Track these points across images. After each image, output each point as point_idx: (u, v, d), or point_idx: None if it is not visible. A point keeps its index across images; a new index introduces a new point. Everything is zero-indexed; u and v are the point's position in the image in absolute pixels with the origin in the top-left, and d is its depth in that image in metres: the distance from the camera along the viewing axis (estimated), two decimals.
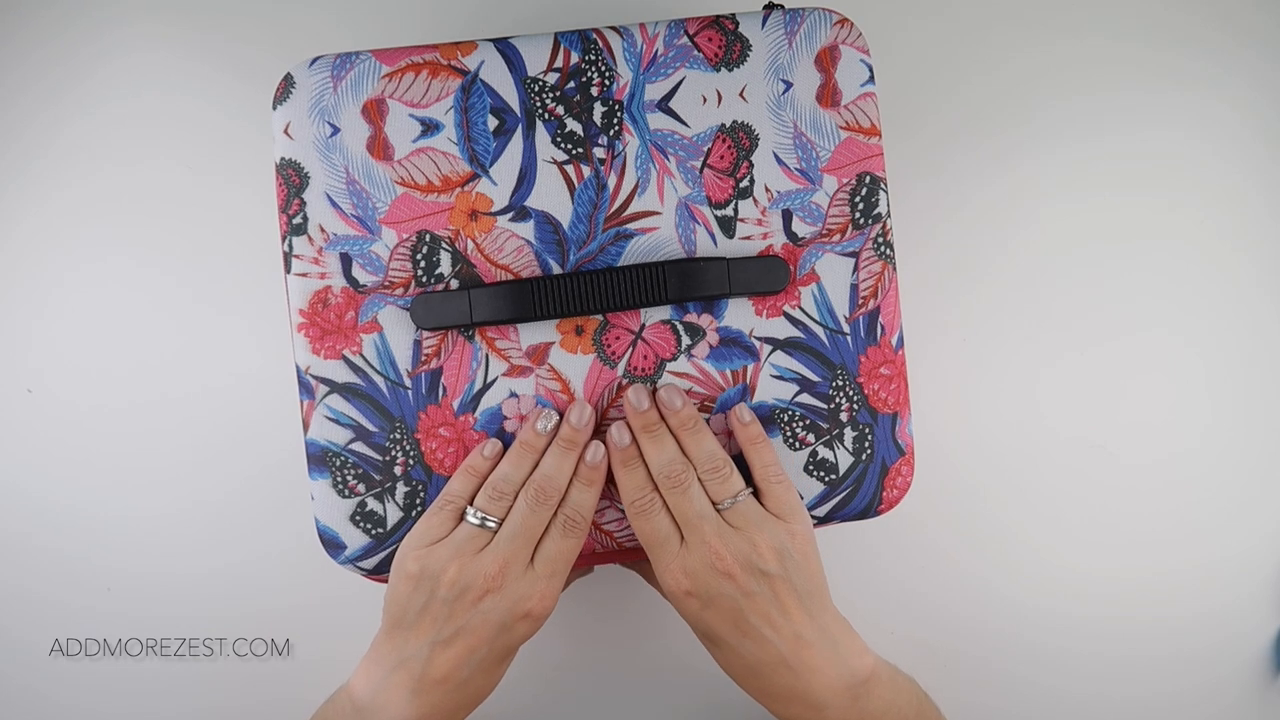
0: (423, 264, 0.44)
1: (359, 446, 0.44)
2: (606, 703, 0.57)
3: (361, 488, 0.44)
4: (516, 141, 0.44)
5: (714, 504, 0.43)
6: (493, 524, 0.42)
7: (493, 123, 0.44)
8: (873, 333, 0.45)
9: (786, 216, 0.45)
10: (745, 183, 0.45)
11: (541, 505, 0.42)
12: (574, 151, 0.44)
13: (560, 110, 0.44)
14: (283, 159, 0.44)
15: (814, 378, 0.45)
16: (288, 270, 0.44)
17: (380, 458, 0.44)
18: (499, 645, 0.42)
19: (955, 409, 0.57)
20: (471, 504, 0.43)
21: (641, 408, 0.43)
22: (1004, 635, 0.57)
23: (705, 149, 0.45)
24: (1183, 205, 0.58)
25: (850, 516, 0.46)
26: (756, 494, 0.44)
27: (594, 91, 0.45)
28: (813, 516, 0.45)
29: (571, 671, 0.57)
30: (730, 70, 0.45)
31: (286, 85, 0.44)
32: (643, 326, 0.45)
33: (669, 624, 0.55)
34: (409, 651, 0.42)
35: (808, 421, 0.45)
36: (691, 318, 0.45)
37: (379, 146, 0.44)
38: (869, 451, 0.46)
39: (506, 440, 0.44)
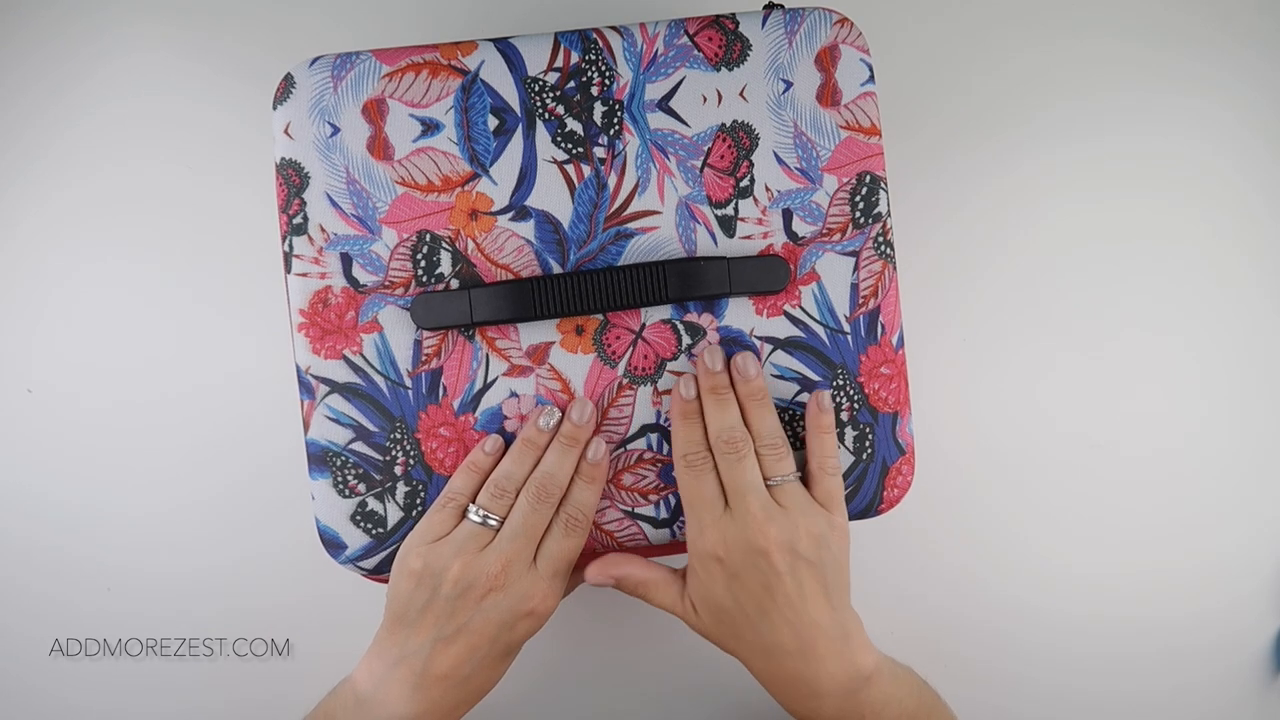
0: (423, 264, 0.44)
1: (359, 446, 0.44)
2: (607, 702, 0.57)
3: (362, 487, 0.44)
4: (517, 141, 0.44)
5: (764, 479, 0.43)
6: (495, 522, 0.42)
7: (493, 122, 0.44)
8: (873, 332, 0.45)
9: (787, 216, 0.45)
10: (745, 182, 0.45)
11: (543, 503, 0.42)
12: (574, 151, 0.45)
13: (560, 110, 0.44)
14: (283, 159, 0.44)
15: (814, 377, 0.45)
16: (288, 270, 0.44)
17: (381, 457, 0.44)
18: (501, 643, 0.43)
19: (955, 409, 0.57)
20: (474, 502, 0.43)
21: (716, 368, 0.43)
22: (1004, 634, 0.57)
23: (705, 148, 0.45)
24: (1183, 205, 0.58)
25: (851, 516, 0.46)
26: (804, 480, 0.44)
27: (594, 91, 0.45)
28: None
29: (571, 668, 0.56)
30: (730, 70, 0.45)
31: (286, 85, 0.44)
32: (643, 326, 0.45)
33: (670, 623, 0.55)
34: (411, 648, 0.42)
35: (808, 421, 0.45)
36: (692, 317, 0.45)
37: (379, 146, 0.44)
38: (870, 451, 0.46)
39: (508, 439, 0.45)
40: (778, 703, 0.45)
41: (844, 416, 0.45)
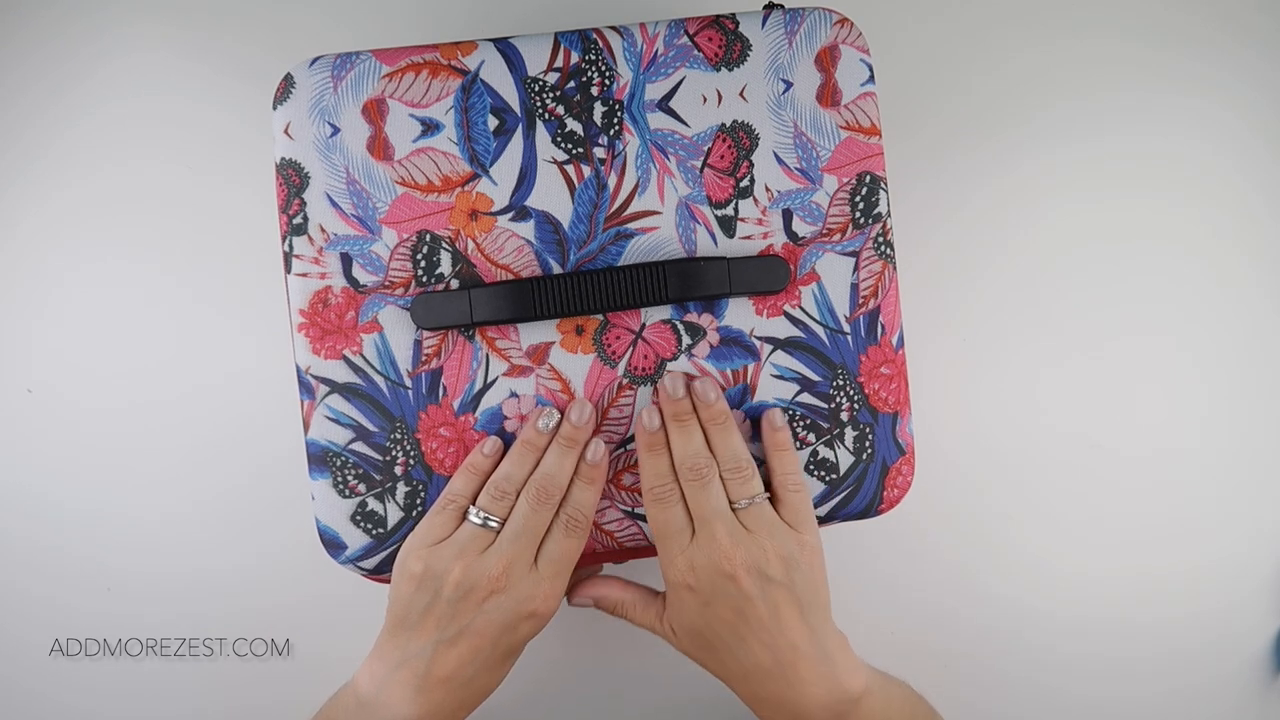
0: (423, 264, 0.44)
1: (359, 446, 0.44)
2: (608, 700, 0.57)
3: (362, 488, 0.44)
4: (517, 141, 0.44)
5: (730, 503, 0.43)
6: (495, 524, 0.42)
7: (493, 122, 0.44)
8: (873, 332, 0.45)
9: (787, 216, 0.45)
10: (745, 182, 0.45)
11: (543, 504, 0.42)
12: (574, 151, 0.44)
13: (560, 110, 0.44)
14: (283, 159, 0.44)
15: (814, 377, 0.45)
16: (288, 270, 0.44)
17: (381, 458, 0.44)
18: (503, 645, 0.43)
19: (955, 409, 0.57)
20: (474, 503, 0.43)
21: (676, 395, 0.43)
22: (1003, 635, 0.57)
23: (705, 149, 0.45)
24: (1183, 205, 0.58)
25: (851, 516, 0.46)
26: (772, 500, 0.44)
27: (594, 91, 0.45)
28: None
29: (572, 668, 0.56)
30: (730, 70, 0.45)
31: (286, 85, 0.44)
32: (643, 326, 0.45)
33: None
34: (413, 650, 0.42)
35: (808, 421, 0.45)
36: (692, 317, 0.45)
37: (379, 146, 0.44)
38: (869, 451, 0.46)
39: (508, 439, 0.44)
40: None
41: (844, 416, 0.45)
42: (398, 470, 0.44)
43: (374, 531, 0.45)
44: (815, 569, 0.43)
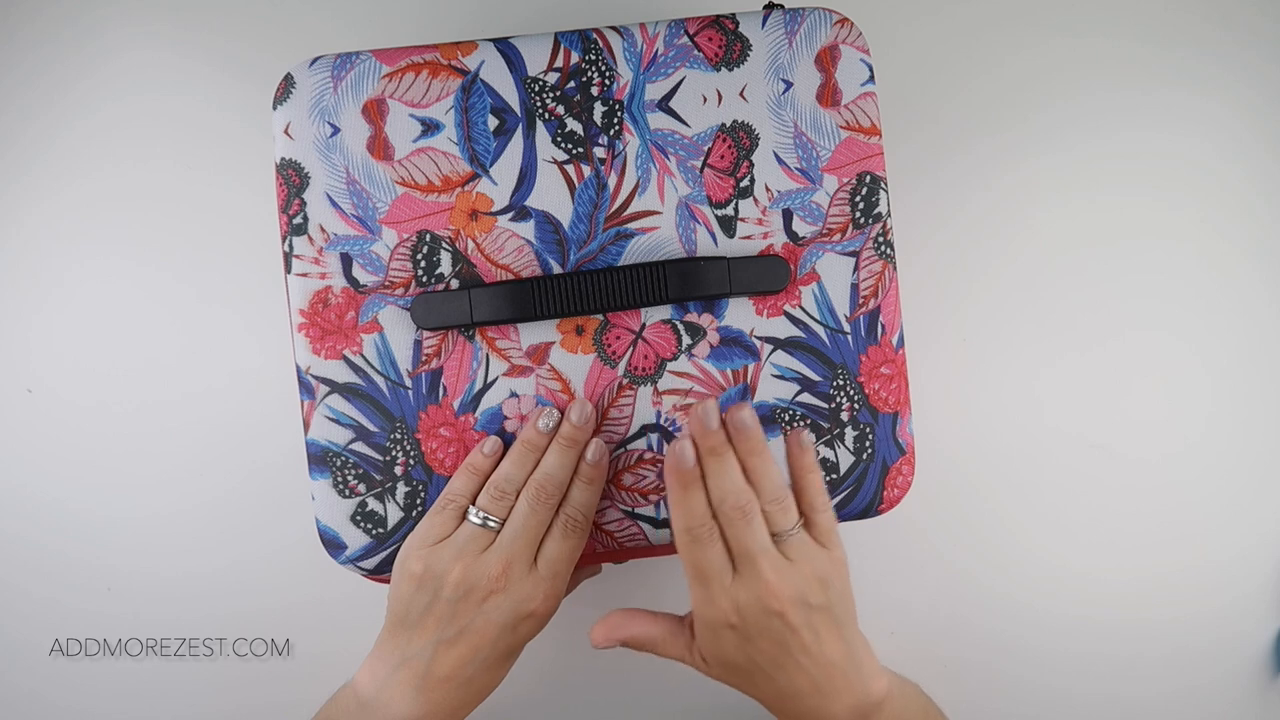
0: (423, 264, 0.44)
1: (359, 446, 0.44)
2: (608, 700, 0.57)
3: (362, 488, 0.44)
4: (517, 141, 0.44)
5: (772, 535, 0.41)
6: (495, 524, 0.42)
7: (493, 122, 0.44)
8: (873, 332, 0.45)
9: (787, 216, 0.45)
10: (746, 182, 0.45)
11: (543, 504, 0.42)
12: (574, 151, 0.44)
13: (560, 110, 0.44)
14: (283, 159, 0.44)
15: (815, 377, 0.45)
16: (288, 270, 0.44)
17: (381, 458, 0.44)
18: (503, 644, 0.43)
19: (955, 409, 0.57)
20: (474, 503, 0.43)
21: (711, 426, 0.40)
22: (1003, 635, 0.57)
23: (705, 149, 0.45)
24: (1183, 205, 0.58)
25: (851, 516, 0.46)
26: (804, 523, 0.43)
27: (594, 91, 0.45)
28: None
29: (573, 668, 0.56)
30: (730, 70, 0.45)
31: (286, 85, 0.44)
32: (643, 326, 0.45)
33: None
34: (413, 650, 0.42)
35: (809, 421, 0.45)
36: (692, 317, 0.45)
37: (379, 146, 0.44)
38: (870, 451, 0.46)
39: (508, 439, 0.44)
40: None
41: (844, 416, 0.45)
42: (398, 470, 0.44)
43: (374, 532, 0.45)
44: (845, 581, 0.43)
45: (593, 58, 0.45)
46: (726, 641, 0.42)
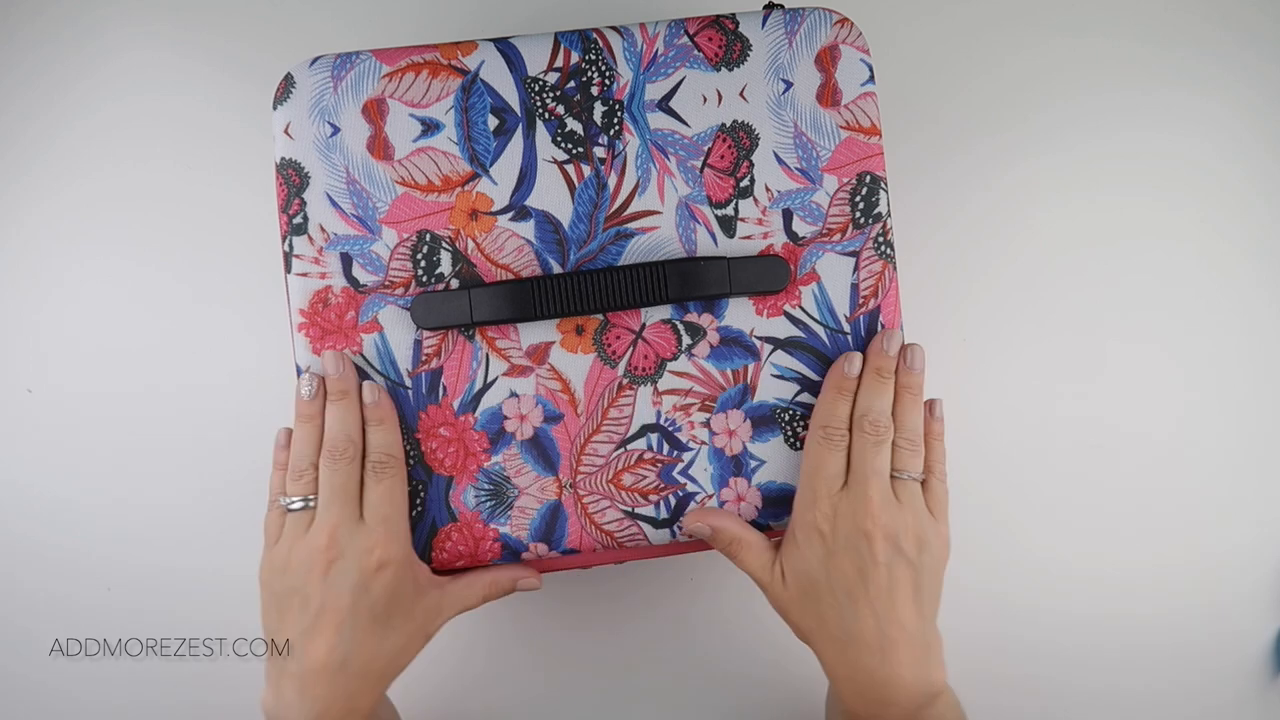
0: (423, 264, 0.44)
1: None
2: (611, 700, 0.57)
3: None
4: (517, 141, 0.44)
5: (892, 471, 0.43)
6: (312, 502, 0.42)
7: (493, 122, 0.44)
8: (873, 332, 0.45)
9: (787, 216, 0.45)
10: (746, 182, 0.45)
11: (339, 461, 0.42)
12: (574, 151, 0.44)
13: (560, 110, 0.44)
14: (283, 159, 0.44)
15: (815, 377, 0.45)
16: (288, 270, 0.44)
17: None
18: (364, 608, 0.41)
19: (955, 409, 0.57)
20: (285, 494, 0.43)
21: (891, 352, 0.44)
22: (1002, 633, 0.57)
23: (705, 148, 0.45)
24: (1183, 205, 0.58)
25: None
26: (923, 486, 0.45)
27: (594, 91, 0.45)
28: None
29: (575, 669, 0.56)
30: (730, 70, 0.45)
31: (286, 85, 0.44)
32: (643, 326, 0.45)
33: (677, 623, 0.55)
34: (287, 655, 0.41)
35: (808, 421, 0.45)
36: (692, 317, 0.45)
37: (379, 146, 0.44)
38: None
39: (507, 439, 0.45)
40: (842, 703, 0.44)
41: None
42: None
43: None
44: (941, 560, 0.44)
45: (593, 58, 0.45)
46: (813, 549, 0.42)
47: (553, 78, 0.44)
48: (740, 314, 0.45)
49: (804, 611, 0.43)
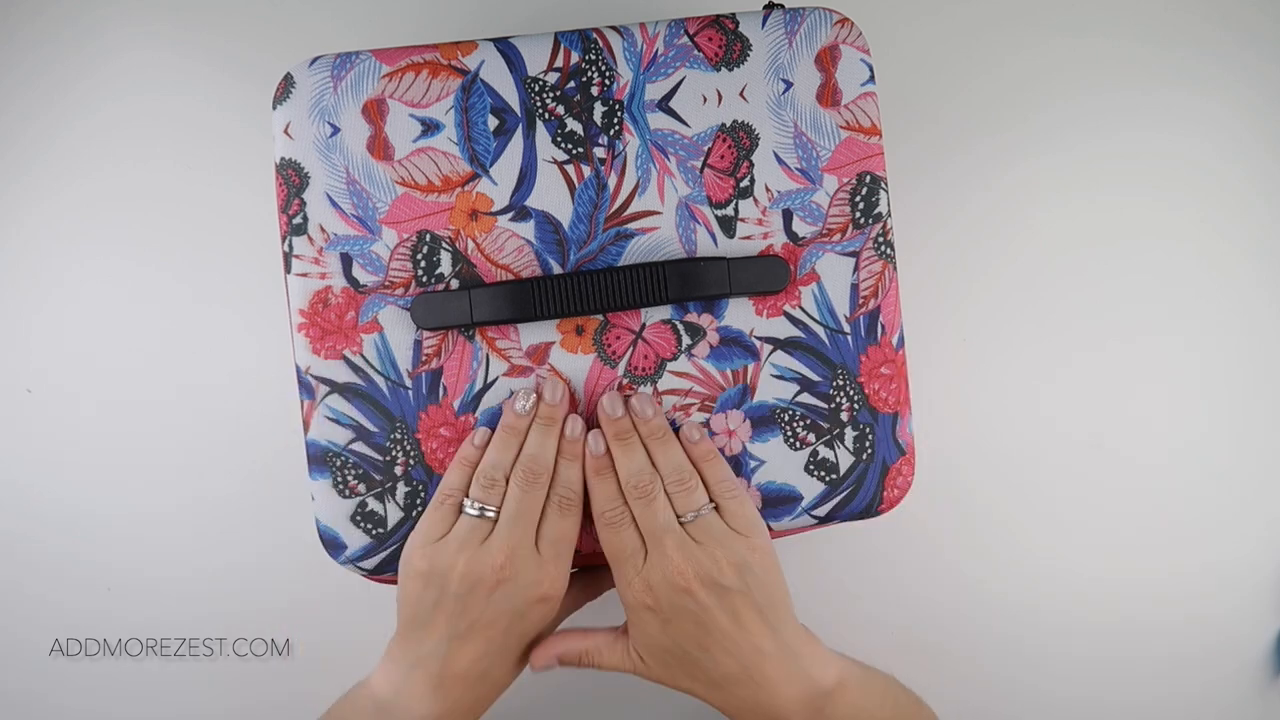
0: (423, 264, 0.44)
1: (359, 447, 0.44)
2: (611, 701, 0.57)
3: (362, 488, 0.44)
4: (517, 141, 0.44)
5: (678, 517, 0.43)
6: (491, 512, 0.42)
7: (493, 122, 0.44)
8: (873, 332, 0.45)
9: (787, 216, 0.45)
10: (745, 182, 0.45)
11: (533, 485, 0.42)
12: (574, 151, 0.44)
13: (560, 110, 0.44)
14: (283, 159, 0.44)
15: (814, 377, 0.45)
16: (288, 270, 0.44)
17: (381, 458, 0.44)
18: (515, 634, 0.43)
19: (955, 409, 0.57)
20: (468, 495, 0.43)
21: (615, 415, 0.43)
22: (1003, 635, 0.57)
23: (705, 149, 0.45)
24: (1183, 205, 0.58)
25: (851, 516, 0.46)
26: (717, 509, 0.44)
27: (594, 91, 0.45)
28: (813, 516, 0.45)
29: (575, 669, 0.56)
30: (730, 70, 0.45)
31: (286, 85, 0.44)
32: (643, 326, 0.45)
33: None
34: (426, 649, 0.42)
35: (808, 421, 0.45)
36: (692, 317, 0.45)
37: (379, 146, 0.44)
38: (869, 451, 0.46)
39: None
40: None
41: (844, 417, 0.45)
42: (398, 470, 0.44)
43: (374, 532, 0.45)
44: (769, 570, 0.43)
45: (593, 58, 0.45)
46: (650, 625, 0.43)
47: (553, 78, 0.44)
48: (740, 314, 0.45)
49: (675, 676, 0.44)
